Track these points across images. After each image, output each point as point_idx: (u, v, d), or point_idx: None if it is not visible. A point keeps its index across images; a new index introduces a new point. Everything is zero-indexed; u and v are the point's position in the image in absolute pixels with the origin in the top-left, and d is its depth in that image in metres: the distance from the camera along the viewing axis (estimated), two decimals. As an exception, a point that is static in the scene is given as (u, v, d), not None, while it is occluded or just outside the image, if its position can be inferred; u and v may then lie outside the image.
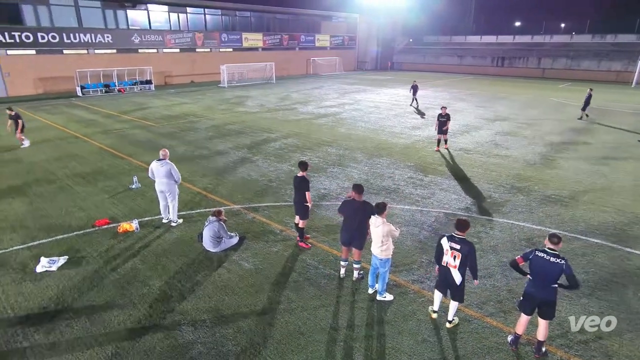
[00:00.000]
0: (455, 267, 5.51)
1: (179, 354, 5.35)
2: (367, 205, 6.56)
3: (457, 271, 5.51)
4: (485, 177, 12.42)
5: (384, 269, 6.26)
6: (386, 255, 6.15)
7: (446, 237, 5.61)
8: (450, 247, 5.51)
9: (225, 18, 44.84)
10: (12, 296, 6.53)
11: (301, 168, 7.74)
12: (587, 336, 5.69)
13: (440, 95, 31.61)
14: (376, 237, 6.14)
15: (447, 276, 5.62)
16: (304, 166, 7.75)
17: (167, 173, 8.57)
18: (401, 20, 62.58)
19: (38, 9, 31.58)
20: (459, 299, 5.71)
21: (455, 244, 5.47)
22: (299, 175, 7.75)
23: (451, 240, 5.52)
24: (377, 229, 6.08)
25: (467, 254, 5.39)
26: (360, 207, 6.53)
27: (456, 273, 5.52)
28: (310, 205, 7.85)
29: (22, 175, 12.57)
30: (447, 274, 5.62)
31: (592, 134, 18.53)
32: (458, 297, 5.70)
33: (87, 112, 24.35)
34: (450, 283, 5.64)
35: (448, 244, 5.54)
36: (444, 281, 5.75)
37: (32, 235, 8.58)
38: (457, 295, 5.69)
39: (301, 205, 7.83)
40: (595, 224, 9.22)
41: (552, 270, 4.95)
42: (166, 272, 7.24)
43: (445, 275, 5.65)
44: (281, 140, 16.97)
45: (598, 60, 46.36)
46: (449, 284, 5.66)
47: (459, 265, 5.47)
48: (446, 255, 5.57)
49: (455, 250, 5.46)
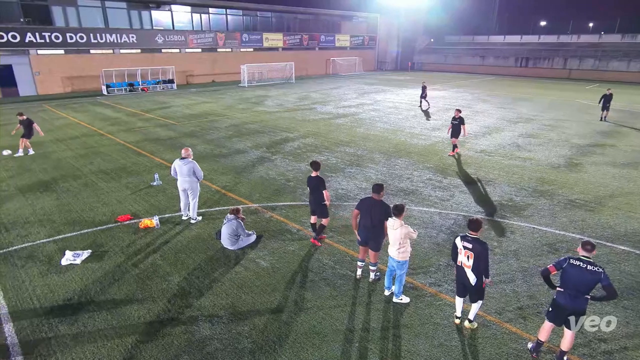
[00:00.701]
0: (469, 267, 5.46)
1: (196, 349, 5.44)
2: (383, 205, 6.51)
3: (472, 271, 5.45)
4: (506, 179, 12.16)
5: (401, 271, 6.20)
6: (403, 257, 6.09)
7: (460, 237, 5.60)
8: (464, 247, 5.49)
9: (246, 18, 45.32)
10: (39, 287, 6.77)
11: (314, 168, 7.79)
12: (612, 346, 5.51)
13: (462, 97, 31.12)
14: (394, 239, 6.09)
15: (463, 276, 5.58)
16: (317, 166, 7.80)
17: (190, 171, 8.72)
18: (422, 20, 61.85)
19: (67, 10, 32.63)
20: (478, 297, 5.64)
21: (467, 244, 5.45)
22: (313, 175, 7.78)
23: (464, 240, 5.51)
24: (395, 231, 6.03)
25: (479, 253, 5.34)
26: (375, 205, 6.47)
27: (470, 273, 5.47)
28: (328, 204, 7.87)
29: (49, 171, 13.01)
30: (462, 273, 5.58)
31: (620, 137, 17.90)
32: (476, 297, 5.63)
33: (111, 110, 25.01)
34: (466, 283, 5.59)
35: (461, 244, 5.53)
36: (460, 282, 5.69)
37: (58, 229, 8.87)
38: (474, 296, 5.63)
39: (319, 204, 7.86)
40: (621, 231, 8.90)
41: (589, 280, 4.75)
42: (185, 268, 7.37)
43: (461, 275, 5.61)
44: (300, 140, 17.03)
45: (628, 61, 44.76)
46: (465, 284, 5.61)
47: (473, 265, 5.41)
48: (460, 254, 5.55)
49: (468, 250, 5.43)
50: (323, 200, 7.77)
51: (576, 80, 46.07)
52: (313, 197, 7.93)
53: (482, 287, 5.57)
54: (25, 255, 7.78)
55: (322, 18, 53.57)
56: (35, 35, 30.78)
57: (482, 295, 5.66)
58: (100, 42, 34.28)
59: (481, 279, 5.47)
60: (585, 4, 59.87)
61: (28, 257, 7.72)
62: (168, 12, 38.62)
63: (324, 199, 7.75)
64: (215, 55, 42.59)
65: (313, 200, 7.94)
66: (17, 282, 6.91)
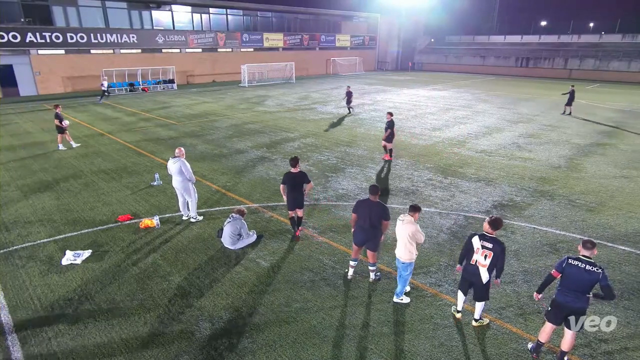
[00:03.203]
0: (485, 267, 5.46)
1: (196, 349, 5.43)
2: (381, 205, 6.53)
3: (487, 270, 5.47)
4: (507, 180, 12.15)
5: (405, 272, 6.19)
6: (409, 258, 6.07)
7: (478, 236, 5.55)
8: (482, 246, 5.45)
9: (246, 18, 45.33)
10: (39, 287, 6.77)
11: (294, 164, 8.05)
12: (612, 346, 5.50)
13: (462, 97, 31.11)
14: (401, 236, 6.04)
15: (474, 274, 5.56)
16: (297, 161, 8.09)
17: (179, 170, 8.72)
18: (423, 20, 61.86)
19: (67, 10, 32.64)
20: (484, 297, 5.66)
21: (487, 243, 5.44)
22: (294, 171, 8.02)
23: (483, 239, 5.47)
24: (403, 225, 5.97)
25: (499, 253, 5.34)
26: (373, 207, 6.50)
27: (485, 272, 5.48)
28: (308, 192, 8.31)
29: (50, 170, 13.02)
30: (474, 272, 5.56)
31: (621, 137, 17.88)
32: (483, 296, 5.65)
33: (112, 110, 25.02)
34: (475, 282, 5.59)
35: (480, 243, 5.48)
36: (468, 280, 5.69)
37: (59, 229, 8.87)
38: (481, 294, 5.64)
39: (301, 198, 8.14)
40: (622, 231, 8.89)
41: (587, 280, 4.74)
42: (185, 268, 7.37)
43: (472, 274, 5.59)
44: (300, 140, 17.03)
45: (628, 61, 44.72)
46: (474, 282, 5.60)
47: (489, 264, 5.42)
48: (477, 254, 5.51)
49: (487, 250, 5.41)
50: (303, 194, 8.09)
51: (577, 80, 46.03)
52: (294, 194, 8.07)
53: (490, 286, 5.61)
54: (26, 255, 7.78)
55: (323, 18, 53.56)
56: (35, 35, 30.79)
57: (487, 294, 5.68)
58: (101, 42, 34.29)
59: (499, 274, 5.48)
60: (586, 4, 59.91)
61: (29, 257, 7.72)
62: (168, 12, 38.62)
63: (304, 190, 8.07)
64: (216, 55, 42.59)
65: (294, 196, 8.09)
66: (17, 282, 6.92)
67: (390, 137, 13.83)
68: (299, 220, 8.53)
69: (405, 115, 22.72)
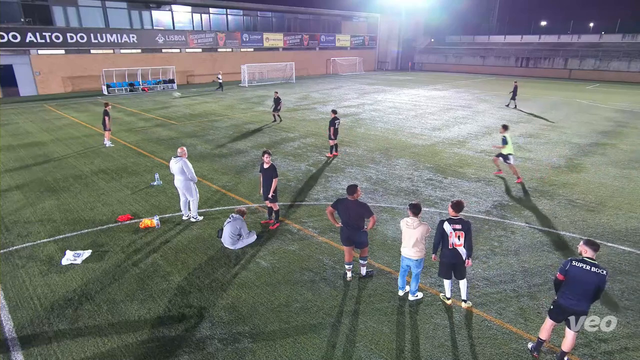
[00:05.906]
0: (461, 246, 5.91)
1: (196, 349, 5.43)
2: (359, 204, 6.57)
3: (464, 248, 5.93)
4: (507, 179, 12.14)
5: (418, 269, 6.27)
6: (420, 255, 6.17)
7: (446, 221, 5.94)
8: (454, 229, 5.87)
9: (246, 18, 45.33)
10: (39, 287, 6.77)
11: (267, 157, 8.50)
12: (612, 346, 5.50)
13: (462, 96, 31.11)
14: (412, 239, 6.06)
15: (455, 256, 5.95)
16: (269, 154, 8.53)
17: (180, 170, 8.73)
18: (423, 20, 61.86)
19: (67, 10, 32.65)
20: (464, 274, 6.12)
21: (456, 225, 5.88)
22: (267, 166, 8.51)
23: (452, 223, 5.90)
24: (414, 230, 6.02)
25: (467, 230, 5.86)
26: (352, 207, 6.55)
27: (462, 250, 5.94)
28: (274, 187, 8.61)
29: (50, 170, 13.02)
30: (455, 254, 5.95)
31: (621, 137, 17.88)
32: (464, 274, 6.10)
33: (112, 110, 24.95)
34: (457, 262, 5.98)
35: (450, 227, 5.89)
36: (450, 264, 6.03)
37: (59, 229, 8.87)
38: (462, 273, 6.08)
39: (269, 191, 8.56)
40: (622, 231, 8.89)
41: (593, 282, 4.67)
42: (185, 268, 7.37)
43: (453, 256, 5.96)
44: (300, 140, 17.03)
45: (628, 61, 44.72)
46: (456, 263, 5.99)
47: (465, 243, 5.89)
48: (451, 237, 5.90)
49: (459, 230, 5.85)
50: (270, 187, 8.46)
51: (577, 80, 46.04)
52: (266, 186, 8.61)
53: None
54: (26, 255, 7.78)
55: (323, 18, 53.56)
56: (35, 35, 30.79)
57: (465, 272, 6.15)
58: (101, 42, 34.29)
59: (470, 253, 5.96)
60: (586, 4, 59.90)
61: (29, 257, 7.72)
62: (168, 12, 38.63)
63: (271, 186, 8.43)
64: (216, 55, 42.59)
65: (266, 188, 8.60)
66: (17, 282, 6.92)
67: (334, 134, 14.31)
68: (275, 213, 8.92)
69: (406, 115, 22.72)
